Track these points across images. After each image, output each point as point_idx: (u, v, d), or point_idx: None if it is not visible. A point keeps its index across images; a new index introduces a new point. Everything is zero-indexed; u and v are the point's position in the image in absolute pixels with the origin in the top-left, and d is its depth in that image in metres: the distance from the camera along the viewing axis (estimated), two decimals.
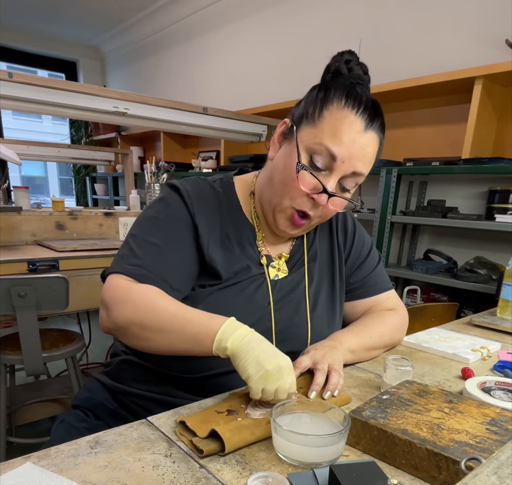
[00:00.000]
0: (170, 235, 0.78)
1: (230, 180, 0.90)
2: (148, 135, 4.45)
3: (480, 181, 2.11)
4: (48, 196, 8.34)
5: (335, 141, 0.73)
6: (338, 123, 0.73)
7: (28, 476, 0.50)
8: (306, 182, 0.75)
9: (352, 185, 0.79)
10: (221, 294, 0.80)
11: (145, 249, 0.75)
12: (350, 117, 0.74)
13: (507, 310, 1.22)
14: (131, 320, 0.69)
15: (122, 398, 0.85)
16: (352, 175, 0.76)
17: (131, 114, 2.45)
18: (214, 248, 0.81)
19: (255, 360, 0.61)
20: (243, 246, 0.84)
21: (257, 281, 0.84)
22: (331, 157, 0.74)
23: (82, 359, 2.68)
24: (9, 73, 1.99)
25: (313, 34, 2.85)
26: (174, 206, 0.80)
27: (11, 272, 1.74)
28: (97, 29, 4.75)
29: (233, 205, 0.86)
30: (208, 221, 0.81)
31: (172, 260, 0.76)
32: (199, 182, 0.85)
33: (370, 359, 0.91)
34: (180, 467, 0.53)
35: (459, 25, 2.13)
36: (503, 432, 0.55)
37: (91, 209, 2.68)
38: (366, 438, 0.57)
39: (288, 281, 0.87)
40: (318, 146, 0.74)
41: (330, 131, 0.73)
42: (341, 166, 0.74)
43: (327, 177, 0.76)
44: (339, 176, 0.76)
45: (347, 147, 0.73)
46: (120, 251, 0.78)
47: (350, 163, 0.74)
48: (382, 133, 0.78)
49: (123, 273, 0.73)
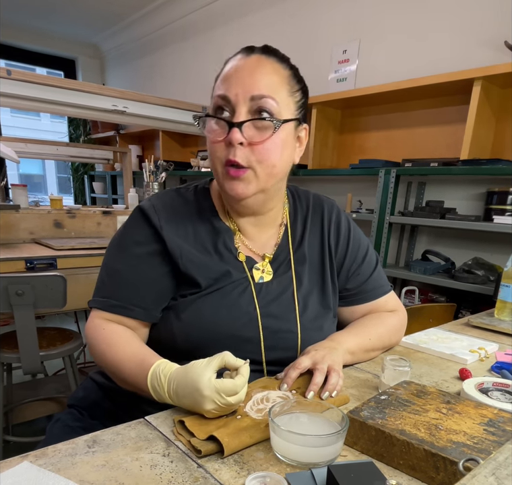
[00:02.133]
0: (133, 259, 0.80)
1: (205, 185, 0.89)
2: (147, 134, 4.45)
3: (478, 182, 2.12)
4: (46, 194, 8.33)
5: (221, 85, 0.75)
6: (224, 71, 0.76)
7: (25, 475, 0.50)
8: (216, 132, 0.75)
9: (264, 114, 0.73)
10: (202, 302, 0.79)
11: (112, 277, 0.81)
12: (234, 58, 0.77)
13: (505, 311, 1.22)
14: (98, 363, 0.80)
15: (116, 398, 0.85)
16: (256, 102, 0.72)
17: (129, 112, 2.45)
18: (189, 257, 0.79)
19: (191, 405, 0.62)
20: (220, 252, 0.83)
21: (241, 286, 0.81)
22: (225, 99, 0.74)
23: (79, 358, 2.68)
24: (8, 71, 1.99)
25: (312, 35, 2.85)
26: (134, 231, 0.82)
27: (8, 270, 1.74)
28: (96, 27, 4.74)
29: (207, 210, 0.85)
30: (179, 232, 0.80)
31: (138, 283, 0.79)
32: (169, 195, 0.86)
33: (369, 360, 0.91)
34: (178, 467, 0.53)
35: (458, 26, 2.14)
36: (501, 433, 0.55)
37: (89, 208, 2.68)
38: (364, 439, 0.57)
39: (274, 285, 0.84)
40: (215, 98, 0.76)
41: (218, 82, 0.76)
42: (237, 98, 0.72)
43: (237, 115, 0.73)
44: (243, 108, 0.72)
45: (233, 81, 0.73)
46: (97, 279, 0.83)
47: (243, 92, 0.72)
48: (276, 57, 0.77)
49: (97, 308, 0.80)
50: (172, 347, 0.78)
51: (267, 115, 0.73)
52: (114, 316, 0.79)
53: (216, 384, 0.59)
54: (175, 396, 0.62)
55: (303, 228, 0.91)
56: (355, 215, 2.37)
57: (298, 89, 0.79)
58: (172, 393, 0.63)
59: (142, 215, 0.81)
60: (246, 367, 0.63)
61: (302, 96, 0.81)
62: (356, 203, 2.54)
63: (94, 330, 0.78)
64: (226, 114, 0.74)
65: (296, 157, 0.83)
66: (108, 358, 0.75)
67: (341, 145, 2.80)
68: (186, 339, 0.78)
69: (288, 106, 0.76)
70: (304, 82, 0.82)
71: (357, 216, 2.36)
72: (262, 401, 0.66)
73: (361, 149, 2.67)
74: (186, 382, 0.61)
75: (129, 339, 0.76)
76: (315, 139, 2.65)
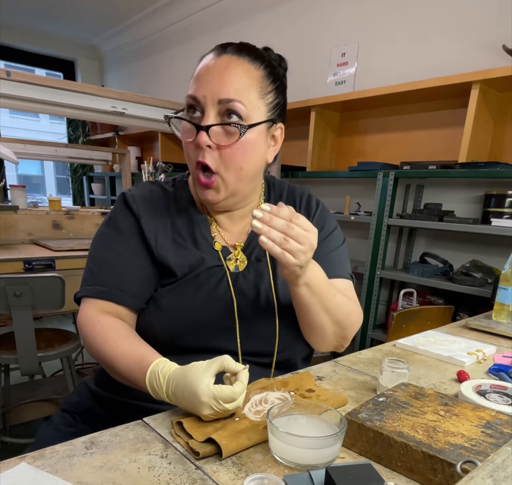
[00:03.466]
0: (118, 246, 0.81)
1: (183, 178, 0.92)
2: (146, 135, 4.45)
3: (476, 185, 2.13)
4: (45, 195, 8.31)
5: (192, 84, 0.76)
6: (197, 70, 0.76)
7: (23, 477, 0.50)
8: (187, 134, 0.76)
9: (232, 117, 0.74)
10: (180, 291, 0.79)
11: (99, 265, 0.81)
12: (206, 57, 0.77)
13: (502, 314, 1.23)
14: (91, 354, 0.78)
15: (110, 406, 0.85)
16: (224, 105, 0.73)
17: (128, 114, 2.45)
18: (164, 246, 0.81)
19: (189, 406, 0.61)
20: (197, 241, 0.84)
21: (217, 275, 0.82)
22: (194, 99, 0.74)
23: (77, 359, 2.67)
24: (7, 72, 1.99)
25: (311, 38, 2.86)
26: (118, 217, 0.83)
27: (7, 271, 1.73)
28: (96, 28, 4.74)
29: (184, 202, 0.87)
30: (155, 222, 0.82)
31: (124, 268, 0.80)
32: (147, 186, 0.88)
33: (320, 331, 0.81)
34: (176, 468, 0.53)
35: (457, 30, 2.15)
36: (498, 435, 0.55)
37: (88, 209, 2.68)
38: (362, 441, 0.57)
39: (251, 273, 0.84)
40: (186, 98, 0.76)
41: (191, 81, 0.76)
42: (205, 100, 0.73)
43: (205, 117, 0.73)
44: (211, 111, 0.73)
45: (203, 82, 0.74)
46: (84, 272, 0.83)
47: (211, 94, 0.72)
48: (249, 56, 0.76)
49: (86, 295, 0.80)
50: (152, 337, 0.78)
51: (236, 118, 0.74)
52: (103, 302, 0.78)
53: (214, 391, 0.59)
54: (173, 397, 0.62)
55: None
56: (353, 217, 2.37)
57: (272, 89, 0.78)
58: (170, 394, 0.63)
59: (124, 203, 0.83)
60: (246, 373, 0.63)
61: (277, 96, 0.79)
62: (355, 206, 2.55)
63: (89, 321, 0.77)
64: (197, 113, 0.75)
65: (268, 157, 0.83)
66: (105, 352, 0.73)
67: (340, 147, 2.81)
68: (165, 328, 0.79)
69: (258, 109, 0.76)
70: (281, 80, 0.81)
71: (355, 218, 2.37)
72: (260, 402, 0.66)
73: (359, 151, 2.68)
74: (185, 385, 0.60)
75: (127, 334, 0.75)
76: (314, 142, 2.66)
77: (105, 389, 0.87)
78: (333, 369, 0.87)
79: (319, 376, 0.83)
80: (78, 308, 0.81)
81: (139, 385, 0.68)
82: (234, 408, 0.61)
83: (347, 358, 0.94)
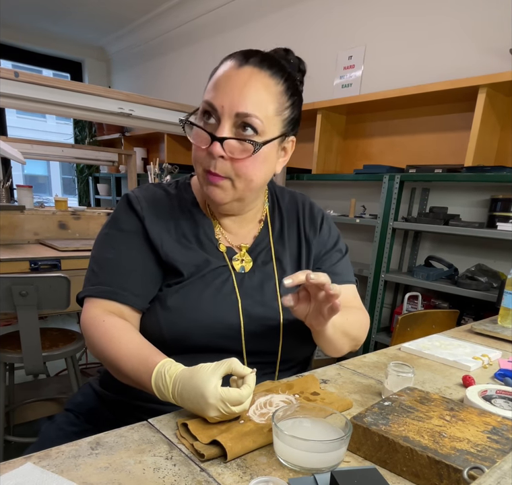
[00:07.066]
0: (122, 246, 0.81)
1: (186, 180, 0.92)
2: (152, 137, 4.47)
3: (482, 189, 2.12)
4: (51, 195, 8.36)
5: (211, 90, 0.75)
6: (217, 75, 0.76)
7: (28, 477, 0.50)
8: (200, 139, 0.76)
9: (247, 130, 0.74)
10: (186, 290, 0.80)
11: (103, 266, 0.81)
12: (227, 63, 0.76)
13: (508, 319, 1.22)
14: (95, 355, 0.78)
15: (114, 407, 0.85)
16: (241, 118, 0.73)
17: (135, 115, 2.47)
18: (169, 247, 0.81)
19: (195, 408, 0.61)
20: (201, 242, 0.84)
21: (223, 275, 0.83)
22: (211, 106, 0.74)
23: (82, 359, 2.68)
24: (15, 73, 2.00)
25: (318, 41, 2.86)
26: (121, 218, 0.83)
27: (12, 271, 1.74)
28: (103, 30, 4.77)
29: (188, 203, 0.87)
30: (160, 223, 0.82)
31: (128, 268, 0.80)
32: (150, 188, 0.88)
33: (338, 349, 0.85)
34: (180, 470, 0.53)
35: (464, 34, 2.14)
36: (504, 441, 0.55)
37: (93, 209, 2.69)
38: (368, 445, 0.57)
39: (257, 274, 0.86)
40: (203, 103, 0.76)
41: (210, 85, 0.76)
42: (223, 110, 0.73)
43: (220, 128, 0.74)
44: (227, 122, 0.73)
45: (221, 91, 0.73)
46: (86, 273, 0.84)
47: (230, 106, 0.72)
48: (270, 70, 0.75)
49: (89, 295, 0.80)
50: (157, 337, 0.78)
51: (251, 131, 0.74)
52: (107, 302, 0.78)
53: (222, 394, 0.59)
54: (179, 398, 0.62)
55: (281, 222, 0.93)
56: (358, 220, 2.37)
57: (289, 105, 0.78)
58: (176, 395, 0.63)
59: (128, 204, 0.84)
60: (253, 376, 0.63)
61: (293, 111, 0.80)
62: (360, 209, 2.55)
63: (93, 321, 0.76)
64: (212, 120, 0.75)
65: (277, 168, 0.84)
66: (110, 352, 0.73)
67: (346, 150, 2.80)
68: (172, 328, 0.79)
69: (274, 125, 0.77)
70: (298, 94, 0.82)
71: (360, 221, 2.36)
72: (265, 405, 0.66)
73: (365, 154, 2.68)
74: (192, 387, 0.60)
75: (132, 334, 0.75)
76: (320, 144, 2.66)
77: (109, 390, 0.87)
78: (338, 372, 0.87)
79: (324, 379, 0.83)
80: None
81: (145, 386, 0.68)
82: (240, 411, 0.61)
83: (352, 361, 0.94)
